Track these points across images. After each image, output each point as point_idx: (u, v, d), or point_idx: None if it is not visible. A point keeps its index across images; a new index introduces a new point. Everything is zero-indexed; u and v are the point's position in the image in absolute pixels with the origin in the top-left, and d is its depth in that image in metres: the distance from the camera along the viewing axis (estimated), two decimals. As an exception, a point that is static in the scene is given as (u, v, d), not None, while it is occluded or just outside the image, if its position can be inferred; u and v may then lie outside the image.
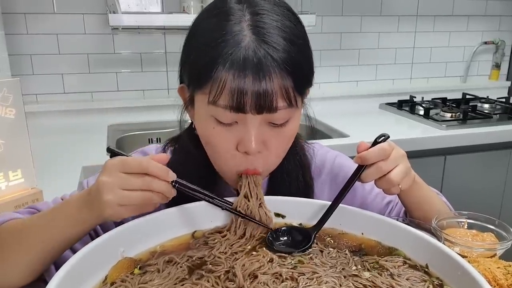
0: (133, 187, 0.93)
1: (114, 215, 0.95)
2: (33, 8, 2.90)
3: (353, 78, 3.76)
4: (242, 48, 0.98)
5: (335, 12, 3.54)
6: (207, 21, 1.08)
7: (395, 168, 1.07)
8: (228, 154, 1.09)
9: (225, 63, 0.98)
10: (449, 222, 1.20)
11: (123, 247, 0.98)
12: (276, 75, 0.99)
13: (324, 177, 1.40)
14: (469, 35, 4.01)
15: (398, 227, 1.05)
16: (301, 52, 1.05)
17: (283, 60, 1.00)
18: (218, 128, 1.06)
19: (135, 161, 0.95)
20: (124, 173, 0.94)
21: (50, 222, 1.02)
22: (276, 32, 1.01)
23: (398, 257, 1.00)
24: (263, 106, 1.00)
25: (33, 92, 3.02)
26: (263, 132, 1.06)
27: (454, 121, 3.09)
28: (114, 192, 0.93)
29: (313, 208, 1.14)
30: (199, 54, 1.05)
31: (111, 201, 0.93)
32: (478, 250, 1.09)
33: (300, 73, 1.04)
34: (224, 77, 0.98)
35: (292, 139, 1.15)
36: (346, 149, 1.50)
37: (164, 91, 3.25)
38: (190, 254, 1.00)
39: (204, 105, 1.04)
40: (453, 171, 2.94)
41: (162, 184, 0.95)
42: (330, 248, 1.05)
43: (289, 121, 1.08)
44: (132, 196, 0.93)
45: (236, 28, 1.01)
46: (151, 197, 0.95)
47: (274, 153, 1.12)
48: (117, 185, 0.93)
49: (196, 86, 1.07)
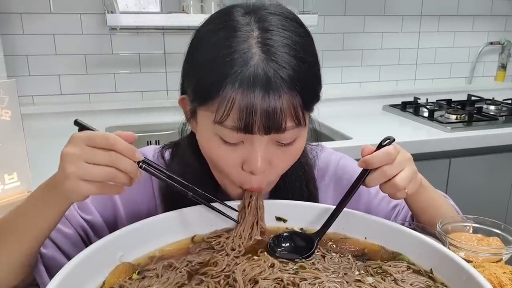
0: (97, 162, 0.91)
1: (75, 190, 0.92)
2: (29, 8, 2.90)
3: (356, 79, 3.76)
4: (251, 67, 0.97)
5: (338, 12, 3.54)
6: (212, 34, 1.06)
7: (400, 172, 1.07)
8: (233, 173, 1.09)
9: (234, 83, 0.97)
10: (454, 227, 1.20)
11: (121, 252, 0.98)
12: (286, 94, 0.98)
13: (327, 179, 1.40)
14: (475, 35, 4.01)
15: (402, 231, 1.05)
16: (310, 69, 1.05)
17: (293, 79, 0.99)
18: (223, 148, 1.05)
19: (102, 136, 0.92)
20: (89, 146, 0.92)
21: (20, 213, 1.03)
22: (286, 50, 1.00)
23: (402, 262, 1.00)
24: (271, 127, 0.99)
25: (29, 93, 3.02)
26: (269, 152, 1.06)
27: (459, 123, 3.09)
28: (77, 165, 0.90)
29: (315, 212, 1.14)
30: (205, 71, 1.03)
31: (73, 174, 0.90)
32: (484, 255, 1.09)
33: (309, 90, 1.04)
34: (233, 97, 0.97)
35: (297, 156, 1.14)
36: (349, 152, 1.50)
37: (163, 92, 3.25)
38: (190, 258, 1.00)
39: (209, 122, 1.03)
40: (458, 174, 2.94)
41: (128, 163, 0.93)
42: (333, 253, 1.05)
43: (296, 140, 1.08)
44: (96, 171, 0.91)
45: (244, 46, 0.99)
46: (115, 175, 0.92)
47: (280, 171, 1.12)
48: (81, 157, 0.91)
49: (201, 102, 1.05)
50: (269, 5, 1.08)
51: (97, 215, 1.22)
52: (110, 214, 1.24)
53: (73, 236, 1.17)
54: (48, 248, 1.12)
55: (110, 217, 1.24)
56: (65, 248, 1.14)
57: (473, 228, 1.21)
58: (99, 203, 1.23)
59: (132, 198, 1.26)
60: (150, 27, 3.11)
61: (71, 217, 1.19)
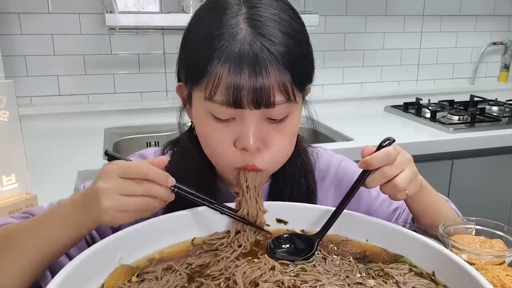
0: (132, 193, 0.94)
1: (112, 221, 0.95)
2: (27, 8, 2.91)
3: (358, 80, 3.76)
4: (237, 41, 0.99)
5: (339, 12, 3.55)
6: (203, 16, 1.09)
7: (401, 173, 1.07)
8: (226, 151, 1.09)
9: (220, 57, 0.99)
10: (456, 229, 1.20)
11: (120, 254, 0.98)
12: (273, 68, 1.00)
13: (328, 182, 1.39)
14: (477, 36, 4.01)
15: (404, 233, 1.05)
16: (299, 46, 1.05)
17: (280, 53, 1.00)
18: (215, 125, 1.07)
19: (134, 166, 0.95)
20: (122, 178, 0.94)
21: (42, 226, 1.02)
22: (273, 25, 1.02)
23: (403, 264, 1.00)
24: (260, 101, 1.00)
25: (27, 94, 3.03)
26: (262, 129, 1.07)
27: (462, 124, 3.09)
28: (112, 198, 0.93)
29: (316, 214, 1.14)
30: (195, 50, 1.06)
31: (110, 208, 0.93)
32: (487, 257, 1.09)
33: (299, 67, 1.05)
34: (220, 72, 0.99)
35: (293, 136, 1.15)
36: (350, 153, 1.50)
37: (163, 93, 3.26)
38: (190, 261, 1.00)
39: (201, 101, 1.06)
40: (461, 176, 2.94)
41: (162, 190, 0.96)
42: (334, 255, 1.05)
43: (289, 117, 1.09)
44: (132, 202, 0.94)
45: (232, 22, 1.02)
46: (149, 203, 0.95)
47: (274, 150, 1.11)
48: (116, 191, 0.93)
49: (192, 82, 1.08)
50: None
51: None
52: None
53: None
54: None
55: None
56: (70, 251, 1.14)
57: (475, 230, 1.21)
58: None
59: None
60: (149, 27, 3.11)
61: None
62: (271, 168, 1.17)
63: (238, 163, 1.10)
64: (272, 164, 1.15)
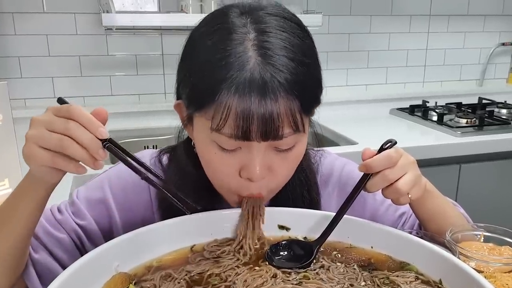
0: (53, 128, 0.91)
1: (30, 156, 0.92)
2: (21, 7, 2.91)
3: (362, 82, 3.76)
4: (247, 71, 0.97)
5: (343, 12, 3.55)
6: (207, 37, 1.05)
7: (403, 176, 1.07)
8: (231, 179, 1.09)
9: (230, 88, 0.97)
10: (464, 235, 1.20)
11: (117, 261, 0.98)
12: (283, 99, 0.98)
13: (331, 186, 1.39)
14: (486, 36, 4.02)
15: (410, 240, 1.05)
16: (309, 73, 1.04)
17: (290, 83, 0.99)
18: (220, 154, 1.05)
19: (67, 106, 0.93)
20: (55, 115, 0.93)
21: (4, 206, 1.05)
22: (283, 53, 1.00)
23: (410, 272, 1.00)
24: (268, 133, 0.99)
25: (21, 96, 3.03)
26: (268, 158, 1.06)
27: (470, 127, 3.09)
28: (36, 129, 0.92)
29: (319, 220, 1.13)
30: (200, 75, 1.03)
31: (30, 137, 0.92)
32: (495, 264, 1.09)
33: (308, 94, 1.04)
34: (229, 104, 0.97)
35: (298, 161, 1.15)
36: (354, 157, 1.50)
37: (161, 95, 3.26)
38: (189, 269, 1.00)
39: (205, 129, 1.03)
40: (469, 181, 2.94)
41: (87, 135, 0.91)
42: (338, 262, 1.05)
43: (296, 146, 1.08)
44: (50, 137, 0.90)
45: (240, 49, 0.99)
46: (69, 145, 0.90)
47: (279, 177, 1.12)
48: (43, 123, 0.92)
49: (196, 108, 1.05)
50: (267, 5, 1.08)
51: (92, 221, 1.23)
52: (106, 222, 1.25)
53: (66, 241, 1.18)
54: (40, 252, 1.13)
55: (105, 225, 1.25)
56: (57, 253, 1.15)
57: (484, 237, 1.21)
58: (94, 209, 1.24)
59: (128, 206, 1.26)
60: (147, 27, 3.12)
61: (64, 222, 1.20)
62: (273, 193, 1.17)
63: (243, 191, 1.10)
64: (275, 188, 1.15)
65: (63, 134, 0.90)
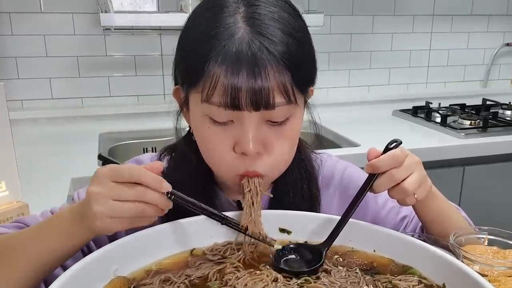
0: (124, 198, 0.93)
1: (105, 228, 0.95)
2: (19, 7, 2.91)
3: (364, 83, 3.77)
4: (235, 40, 0.99)
5: (345, 11, 3.55)
6: (200, 15, 1.10)
7: (409, 176, 1.07)
8: (226, 156, 1.09)
9: (218, 57, 0.99)
10: (468, 238, 1.20)
11: (116, 265, 0.98)
12: (273, 69, 1.00)
13: (332, 189, 1.39)
14: (490, 36, 4.02)
15: (413, 243, 1.05)
16: (300, 46, 1.05)
17: (280, 53, 1.00)
18: (213, 128, 1.07)
19: (126, 170, 0.95)
20: (115, 182, 0.94)
21: (38, 237, 1.02)
22: (273, 23, 1.02)
23: (413, 276, 1.00)
24: (259, 102, 1.00)
25: (18, 97, 3.03)
26: (262, 132, 1.06)
27: (474, 129, 3.09)
28: (103, 203, 0.93)
29: (321, 223, 1.14)
30: (192, 50, 1.06)
31: (101, 213, 0.93)
32: (500, 268, 1.09)
33: (299, 67, 1.05)
34: (217, 72, 0.99)
35: (294, 140, 1.15)
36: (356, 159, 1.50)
37: (160, 96, 3.26)
38: (189, 272, 1.00)
39: (198, 104, 1.05)
40: (473, 183, 2.93)
41: (156, 196, 0.95)
42: (339, 266, 1.05)
43: (290, 120, 1.09)
44: (124, 208, 0.93)
45: (230, 20, 1.02)
46: (144, 209, 0.95)
47: (275, 155, 1.11)
48: (108, 195, 0.93)
49: (189, 84, 1.08)
50: None
51: None
52: None
53: None
54: None
55: None
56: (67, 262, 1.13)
57: (488, 240, 1.21)
58: None
59: None
60: (146, 28, 3.12)
61: None
62: (273, 174, 1.16)
63: (239, 169, 1.10)
64: (273, 169, 1.14)
65: (135, 200, 0.94)
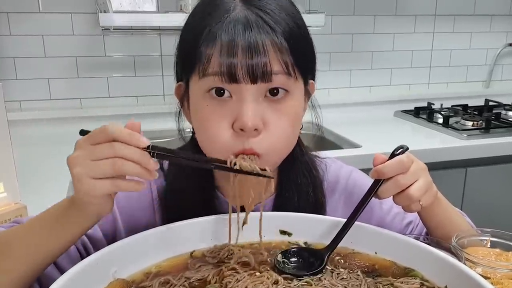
0: (101, 156, 0.91)
1: (90, 191, 0.91)
2: (17, 7, 2.91)
3: (366, 83, 3.76)
4: (231, 14, 1.01)
5: (346, 11, 3.55)
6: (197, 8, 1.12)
7: (415, 182, 1.07)
8: (224, 133, 1.07)
9: (215, 32, 1.01)
10: (470, 241, 1.20)
11: (115, 267, 0.98)
12: (270, 40, 1.01)
13: (337, 195, 1.39)
14: (493, 36, 4.01)
15: (415, 246, 1.05)
16: (299, 28, 1.07)
17: (278, 25, 1.02)
18: (212, 106, 1.07)
19: (100, 129, 0.93)
20: (92, 145, 0.92)
21: (33, 230, 1.03)
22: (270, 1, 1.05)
23: (414, 278, 1.00)
24: (256, 73, 1.01)
25: (16, 98, 3.03)
26: (261, 108, 1.07)
27: (476, 130, 3.09)
28: (82, 164, 0.91)
29: (322, 225, 1.14)
30: (188, 33, 1.08)
31: (80, 174, 0.91)
32: (502, 270, 1.09)
33: (298, 46, 1.06)
34: (213, 46, 1.01)
35: (293, 121, 1.14)
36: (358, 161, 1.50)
37: (160, 97, 3.26)
38: (188, 275, 1.00)
39: (197, 84, 1.07)
40: (475, 185, 2.93)
41: (135, 150, 0.92)
42: (341, 268, 1.05)
43: (288, 97, 1.09)
44: (102, 166, 0.90)
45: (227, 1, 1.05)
46: (123, 165, 0.91)
47: (274, 132, 1.09)
48: (85, 156, 0.91)
49: (187, 70, 1.09)
50: None
51: (97, 228, 1.21)
52: (110, 228, 1.24)
53: (72, 251, 1.16)
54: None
55: (109, 231, 1.24)
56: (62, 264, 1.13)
57: (491, 242, 1.21)
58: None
59: (131, 211, 1.26)
60: (145, 28, 3.12)
61: None
62: (270, 154, 1.12)
63: (236, 147, 1.07)
64: (271, 149, 1.11)
65: (112, 157, 0.91)
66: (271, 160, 1.15)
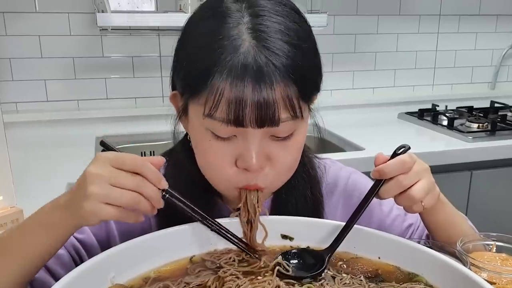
0: (123, 185, 0.92)
1: (94, 213, 0.92)
2: (13, 7, 2.92)
3: (369, 85, 3.77)
4: (240, 54, 0.98)
5: (349, 11, 3.55)
6: (201, 23, 1.09)
7: (417, 183, 1.07)
8: (227, 171, 1.08)
9: (222, 71, 0.98)
10: (475, 245, 1.20)
11: (113, 272, 0.98)
12: (279, 83, 0.99)
13: (336, 196, 1.39)
14: (498, 37, 4.01)
15: (419, 250, 1.05)
16: (306, 57, 1.05)
17: (286, 66, 0.99)
18: (214, 143, 1.06)
19: (129, 157, 0.94)
20: (116, 168, 0.93)
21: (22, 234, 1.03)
22: (279, 36, 1.01)
23: (418, 283, 1.00)
24: (264, 119, 1.00)
25: (12, 100, 3.03)
26: (266, 146, 1.06)
27: (481, 132, 3.09)
28: (100, 186, 0.92)
29: (324, 229, 1.14)
30: (194, 60, 1.05)
31: (96, 195, 0.91)
32: (508, 276, 1.09)
33: (306, 79, 1.05)
34: (221, 87, 0.98)
35: (299, 152, 1.15)
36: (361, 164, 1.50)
37: (159, 99, 3.26)
38: (188, 280, 1.00)
39: (199, 116, 1.04)
40: (480, 188, 2.93)
41: (154, 190, 0.95)
42: (343, 273, 1.05)
43: (294, 134, 1.08)
44: (120, 195, 0.92)
45: (234, 32, 1.01)
46: (139, 201, 0.93)
47: (279, 168, 1.11)
48: (106, 178, 0.92)
49: (190, 95, 1.07)
50: None
51: (90, 234, 1.22)
52: (104, 234, 1.24)
53: (65, 257, 1.16)
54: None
55: (103, 237, 1.24)
56: (55, 269, 1.13)
57: (496, 247, 1.21)
58: None
59: None
60: (144, 28, 3.13)
61: None
62: (274, 186, 1.17)
63: (240, 183, 1.10)
64: (275, 182, 1.15)
65: (133, 190, 0.93)
66: (274, 189, 1.19)
